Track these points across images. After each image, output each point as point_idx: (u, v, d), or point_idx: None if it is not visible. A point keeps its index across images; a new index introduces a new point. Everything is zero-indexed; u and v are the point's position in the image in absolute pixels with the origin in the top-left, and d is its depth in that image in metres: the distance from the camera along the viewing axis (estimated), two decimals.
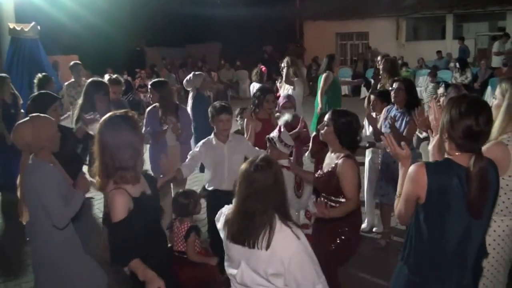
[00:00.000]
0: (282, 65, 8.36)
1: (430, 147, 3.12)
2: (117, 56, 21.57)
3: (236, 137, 5.23)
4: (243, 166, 2.87)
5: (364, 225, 6.49)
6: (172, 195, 5.80)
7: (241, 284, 2.83)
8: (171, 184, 6.08)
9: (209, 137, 5.17)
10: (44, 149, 3.66)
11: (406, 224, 2.97)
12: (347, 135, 4.02)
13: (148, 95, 6.37)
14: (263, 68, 9.99)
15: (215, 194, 4.97)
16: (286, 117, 5.18)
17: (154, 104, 6.30)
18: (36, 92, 5.62)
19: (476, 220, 2.71)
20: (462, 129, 2.66)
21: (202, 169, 5.52)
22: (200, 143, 5.13)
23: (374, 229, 6.47)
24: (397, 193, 2.97)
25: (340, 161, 3.95)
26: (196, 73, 8.21)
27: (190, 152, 5.13)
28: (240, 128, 6.22)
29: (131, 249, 3.15)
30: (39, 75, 7.95)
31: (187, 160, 5.00)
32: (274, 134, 4.94)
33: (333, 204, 4.03)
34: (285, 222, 2.79)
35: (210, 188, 5.13)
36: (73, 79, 8.31)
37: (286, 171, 4.50)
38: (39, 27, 12.84)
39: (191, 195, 4.45)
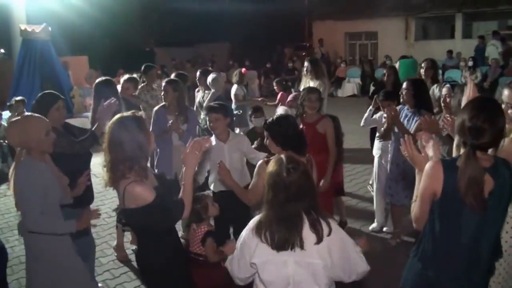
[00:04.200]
0: (305, 66, 8.40)
1: (430, 153, 3.10)
2: (127, 57, 21.65)
3: (236, 136, 5.33)
4: (272, 170, 2.83)
5: (374, 225, 6.57)
6: None
7: (294, 283, 2.80)
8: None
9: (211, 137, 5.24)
10: (34, 149, 3.70)
11: (422, 225, 2.97)
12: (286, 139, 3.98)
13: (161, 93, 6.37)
14: (243, 70, 10.28)
15: (221, 195, 5.00)
16: (281, 110, 5.18)
17: (162, 104, 6.34)
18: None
19: (486, 216, 2.73)
20: (467, 127, 2.71)
21: None
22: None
23: (384, 229, 6.47)
24: (413, 198, 2.99)
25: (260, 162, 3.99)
26: (221, 73, 8.22)
27: None
28: (254, 126, 6.25)
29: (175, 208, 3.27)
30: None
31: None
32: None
33: None
34: (325, 217, 2.82)
35: (216, 190, 5.22)
36: (143, 83, 8.12)
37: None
38: (50, 29, 12.96)
39: (199, 200, 4.37)
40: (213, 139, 5.13)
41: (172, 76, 7.86)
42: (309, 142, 5.30)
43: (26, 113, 4.26)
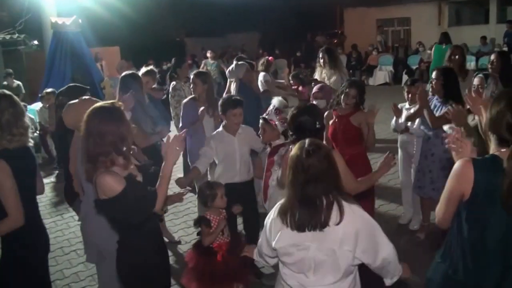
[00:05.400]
0: (320, 56, 8.22)
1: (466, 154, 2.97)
2: (158, 47, 21.78)
3: (245, 129, 5.26)
4: (293, 154, 2.82)
5: (403, 220, 6.47)
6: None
7: (316, 266, 2.79)
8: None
9: (218, 130, 5.26)
10: None
11: (446, 226, 2.87)
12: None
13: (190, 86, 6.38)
14: (270, 58, 10.05)
15: (228, 188, 4.93)
16: (276, 100, 5.08)
17: (191, 96, 6.34)
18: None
19: None
20: (505, 124, 2.61)
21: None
22: (209, 137, 5.25)
23: (410, 226, 6.30)
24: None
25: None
26: (239, 63, 7.86)
27: (201, 149, 5.17)
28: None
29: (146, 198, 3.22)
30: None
31: (199, 158, 5.10)
32: (272, 115, 4.83)
33: None
34: (348, 200, 2.80)
35: (223, 182, 5.11)
36: (174, 77, 8.09)
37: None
38: (80, 21, 13.07)
39: (210, 188, 4.40)
40: (222, 132, 5.16)
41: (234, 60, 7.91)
42: (341, 135, 5.31)
43: (84, 97, 4.36)
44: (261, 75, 9.07)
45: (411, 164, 6.10)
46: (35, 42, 18.90)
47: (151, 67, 6.99)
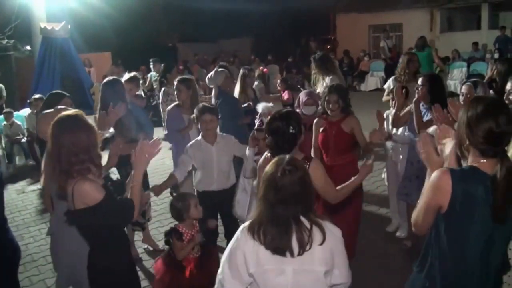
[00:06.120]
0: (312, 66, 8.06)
1: (447, 151, 2.93)
2: (150, 53, 21.68)
3: (224, 137, 5.26)
4: (268, 169, 2.71)
5: (390, 228, 6.41)
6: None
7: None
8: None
9: (197, 138, 5.24)
10: None
11: (423, 234, 2.80)
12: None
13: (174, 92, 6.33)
14: (265, 70, 10.07)
15: (204, 195, 5.06)
16: (260, 106, 5.03)
17: (174, 104, 6.29)
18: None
19: (499, 228, 2.56)
20: (483, 132, 2.51)
21: None
22: (188, 145, 5.22)
23: (397, 234, 6.22)
24: (420, 200, 2.80)
25: None
26: (218, 70, 7.83)
27: (180, 157, 5.17)
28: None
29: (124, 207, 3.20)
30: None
31: (178, 166, 5.11)
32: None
33: None
34: (319, 217, 2.72)
35: (200, 190, 5.23)
36: (163, 82, 8.04)
37: None
38: (69, 26, 13.04)
39: (182, 199, 4.33)
40: (201, 140, 5.15)
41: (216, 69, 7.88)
42: (332, 142, 5.23)
43: (59, 107, 4.29)
44: (255, 84, 9.02)
45: (397, 172, 6.03)
46: (28, 47, 18.81)
47: (134, 73, 6.84)
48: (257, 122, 4.88)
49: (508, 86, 4.68)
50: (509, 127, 2.51)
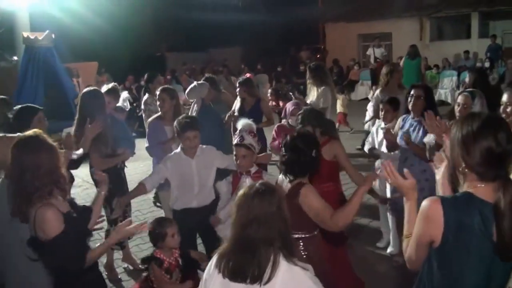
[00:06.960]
0: (307, 74, 7.92)
1: (437, 177, 2.69)
2: (138, 62, 21.49)
3: (204, 150, 4.89)
4: (242, 191, 2.60)
5: (381, 243, 6.21)
6: None
7: None
8: None
9: (176, 151, 4.93)
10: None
11: (417, 268, 2.53)
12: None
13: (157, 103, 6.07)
14: (249, 74, 9.94)
15: (184, 214, 4.73)
16: (241, 123, 4.75)
17: (156, 116, 6.06)
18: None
19: (499, 263, 2.28)
20: (480, 152, 2.24)
21: None
22: (167, 157, 4.92)
23: (388, 250, 5.98)
24: (404, 233, 2.57)
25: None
26: (199, 82, 7.43)
27: (156, 166, 4.94)
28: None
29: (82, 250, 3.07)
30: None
31: (151, 174, 4.86)
32: (249, 139, 4.51)
33: None
34: (291, 259, 2.51)
35: (178, 208, 4.88)
36: (147, 92, 7.87)
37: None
38: (53, 35, 12.76)
39: (161, 226, 4.00)
40: (180, 153, 4.83)
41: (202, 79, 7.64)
42: None
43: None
44: None
45: (385, 187, 5.83)
46: (15, 58, 18.54)
47: (112, 84, 6.53)
48: (236, 138, 4.58)
49: (504, 98, 4.44)
50: (509, 145, 2.24)
